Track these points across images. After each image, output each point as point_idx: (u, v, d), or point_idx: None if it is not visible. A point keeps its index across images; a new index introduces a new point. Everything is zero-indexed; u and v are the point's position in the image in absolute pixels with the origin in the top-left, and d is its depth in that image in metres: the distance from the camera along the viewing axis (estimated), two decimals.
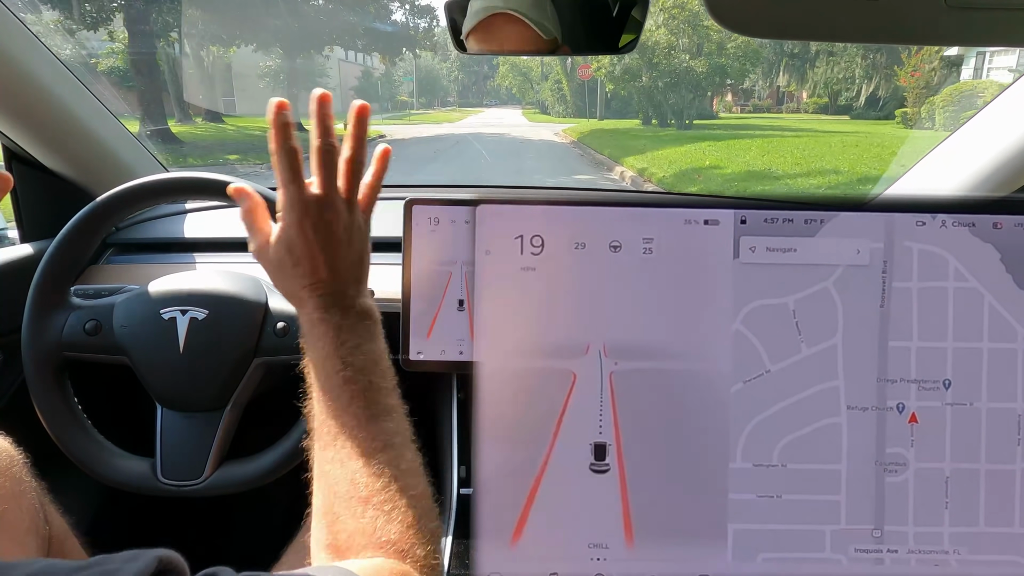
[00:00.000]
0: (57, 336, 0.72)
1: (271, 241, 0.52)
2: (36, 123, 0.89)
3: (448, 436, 0.81)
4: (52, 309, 0.73)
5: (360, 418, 0.47)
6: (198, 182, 0.76)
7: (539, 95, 34.49)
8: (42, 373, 0.71)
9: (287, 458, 0.74)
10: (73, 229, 0.73)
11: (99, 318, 0.73)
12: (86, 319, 0.73)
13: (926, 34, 0.44)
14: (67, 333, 0.72)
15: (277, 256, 0.52)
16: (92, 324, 0.73)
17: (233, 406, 0.75)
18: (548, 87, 29.40)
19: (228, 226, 1.07)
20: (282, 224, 0.51)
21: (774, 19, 0.44)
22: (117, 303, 0.75)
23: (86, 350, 0.73)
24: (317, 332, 0.51)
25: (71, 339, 0.73)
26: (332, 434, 0.47)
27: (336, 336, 0.50)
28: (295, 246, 0.50)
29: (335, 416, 0.48)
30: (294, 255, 0.51)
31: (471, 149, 13.90)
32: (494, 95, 51.95)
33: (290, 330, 0.74)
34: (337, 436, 0.47)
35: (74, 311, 0.74)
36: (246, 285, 0.77)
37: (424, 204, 0.76)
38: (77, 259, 0.75)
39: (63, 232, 0.73)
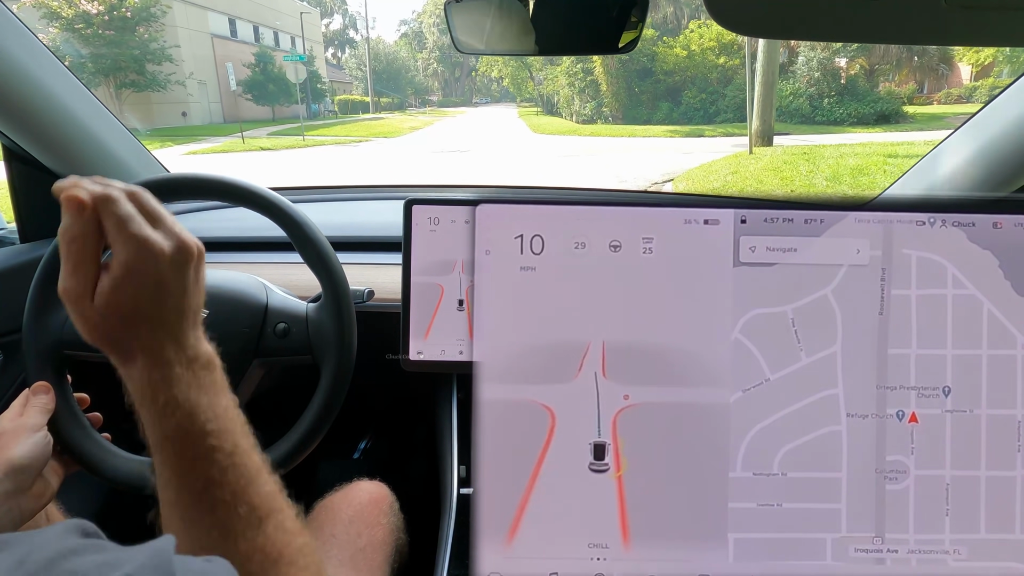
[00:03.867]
0: (58, 334, 0.72)
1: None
2: (36, 123, 0.89)
3: (448, 436, 0.81)
4: (52, 308, 0.73)
5: (236, 488, 0.40)
6: (198, 182, 0.76)
7: (541, 88, 25.84)
8: (42, 371, 0.71)
9: (287, 458, 0.74)
10: None
11: None
12: None
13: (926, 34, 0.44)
14: (68, 331, 0.72)
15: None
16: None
17: None
18: (561, 74, 20.65)
19: (228, 226, 1.07)
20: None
21: (774, 19, 0.43)
22: None
23: (86, 348, 0.73)
24: (150, 393, 0.41)
25: (72, 337, 0.73)
26: (206, 508, 0.40)
27: (184, 394, 0.41)
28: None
29: (206, 489, 0.40)
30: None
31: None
32: (485, 92, 43.44)
33: (290, 331, 0.74)
34: (215, 509, 0.40)
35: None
36: (247, 285, 0.77)
37: (424, 204, 0.76)
38: None
39: None
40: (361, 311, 0.77)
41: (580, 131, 16.35)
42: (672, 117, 17.49)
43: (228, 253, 1.01)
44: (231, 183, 0.75)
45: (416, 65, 42.19)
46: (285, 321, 0.74)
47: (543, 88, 25.11)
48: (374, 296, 0.86)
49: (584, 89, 19.36)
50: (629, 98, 18.73)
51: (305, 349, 0.74)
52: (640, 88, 18.53)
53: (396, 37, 44.45)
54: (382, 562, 0.72)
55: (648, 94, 18.46)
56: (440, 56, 39.46)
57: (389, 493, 0.80)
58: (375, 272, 0.94)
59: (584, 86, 19.32)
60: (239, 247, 1.02)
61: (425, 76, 42.72)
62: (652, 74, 18.21)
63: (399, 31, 43.22)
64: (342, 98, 33.07)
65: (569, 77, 19.80)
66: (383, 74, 39.53)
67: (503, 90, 36.35)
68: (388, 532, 0.75)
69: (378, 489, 0.80)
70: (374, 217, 1.10)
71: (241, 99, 22.87)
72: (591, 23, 0.74)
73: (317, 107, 28.29)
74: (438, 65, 41.47)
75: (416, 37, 37.57)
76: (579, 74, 19.31)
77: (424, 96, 42.21)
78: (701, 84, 17.66)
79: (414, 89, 42.01)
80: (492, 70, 29.64)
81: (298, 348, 0.74)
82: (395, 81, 40.46)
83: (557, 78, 21.29)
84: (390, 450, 1.27)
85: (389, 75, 40.17)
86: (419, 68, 42.29)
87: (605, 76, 18.33)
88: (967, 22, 0.40)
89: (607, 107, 18.85)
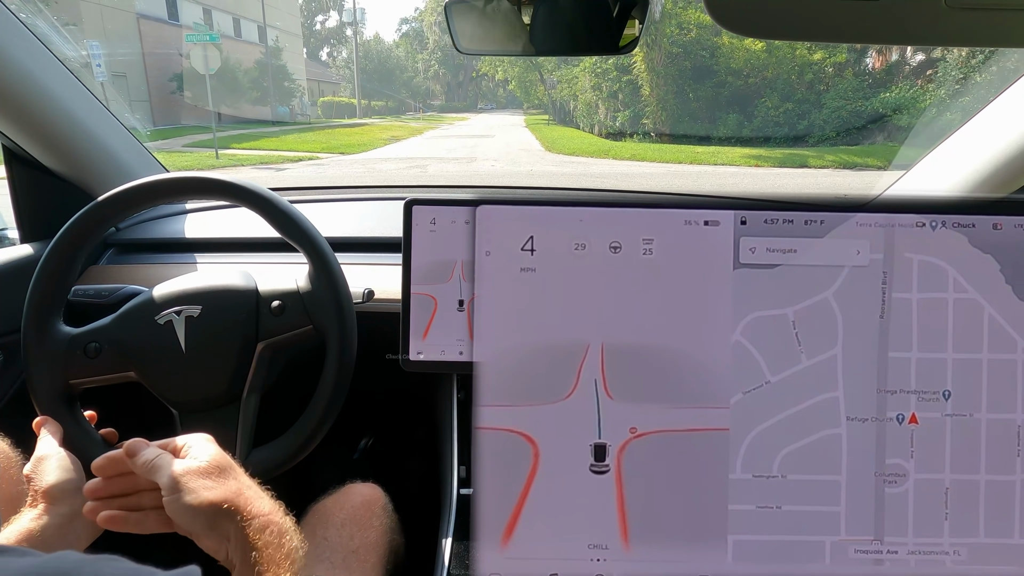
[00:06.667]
0: (59, 365, 0.71)
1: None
2: (36, 123, 0.89)
3: (448, 436, 0.81)
4: (52, 310, 0.73)
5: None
6: (198, 183, 0.76)
7: (553, 92, 20.44)
8: (55, 410, 0.70)
9: (314, 432, 0.73)
10: (72, 229, 0.73)
11: (97, 339, 0.73)
12: (85, 342, 0.73)
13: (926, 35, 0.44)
14: (68, 360, 0.72)
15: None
16: (94, 346, 0.73)
17: (249, 394, 0.74)
18: (583, 74, 15.43)
19: (228, 226, 1.07)
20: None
21: (774, 19, 0.43)
22: (111, 321, 0.75)
23: (92, 374, 0.73)
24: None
25: (74, 367, 0.72)
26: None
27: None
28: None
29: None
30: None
31: None
32: (491, 97, 40.51)
33: (286, 307, 0.74)
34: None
35: (71, 338, 0.73)
36: (233, 275, 0.77)
37: (424, 204, 0.76)
38: (77, 259, 0.74)
39: (62, 232, 0.73)
40: (361, 311, 0.77)
41: (615, 151, 11.14)
42: (742, 134, 12.04)
43: (228, 253, 1.01)
44: (231, 183, 0.75)
45: (415, 66, 39.04)
46: (279, 299, 0.74)
47: (555, 92, 20.13)
48: (374, 296, 0.86)
49: (616, 93, 14.22)
50: (679, 106, 13.18)
51: (305, 321, 0.74)
52: (696, 94, 13.01)
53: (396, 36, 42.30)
54: (376, 563, 0.72)
55: (704, 102, 12.98)
56: (442, 58, 36.07)
57: (383, 495, 0.80)
58: (375, 272, 0.94)
59: (616, 89, 14.14)
60: (239, 247, 1.02)
61: (426, 78, 39.52)
62: (713, 74, 12.90)
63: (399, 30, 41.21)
64: (326, 100, 30.41)
65: (595, 77, 14.74)
66: (374, 74, 36.68)
67: (509, 95, 32.32)
68: (381, 534, 0.75)
69: (371, 491, 0.80)
70: (374, 217, 1.10)
71: (178, 97, 17.89)
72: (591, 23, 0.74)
73: (287, 109, 23.86)
74: (439, 67, 37.80)
75: (417, 37, 36.06)
76: (611, 73, 14.07)
77: (426, 100, 39.05)
78: (785, 90, 12.21)
79: (411, 92, 38.95)
80: (497, 72, 25.14)
81: (297, 322, 0.74)
82: (388, 82, 37.48)
83: (576, 79, 16.18)
84: (390, 450, 1.27)
85: (381, 75, 37.09)
86: (419, 70, 39.06)
87: (649, 76, 12.92)
88: (967, 23, 0.40)
89: (649, 118, 13.32)
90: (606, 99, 14.60)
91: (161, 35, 18.01)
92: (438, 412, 0.89)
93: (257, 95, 20.19)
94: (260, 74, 20.21)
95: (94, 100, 0.95)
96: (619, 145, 12.38)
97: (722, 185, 7.98)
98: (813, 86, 12.08)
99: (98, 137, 0.97)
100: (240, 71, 19.41)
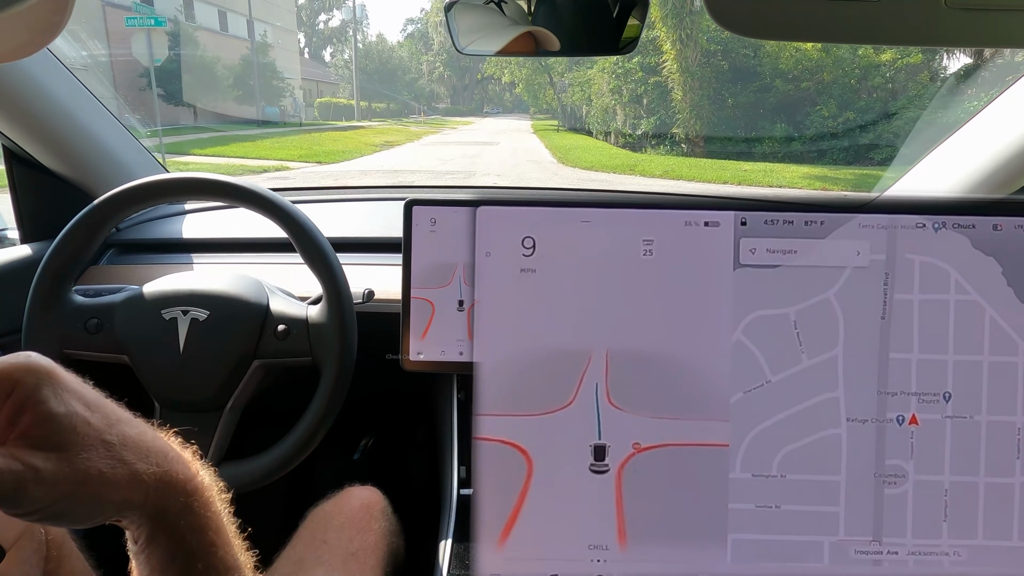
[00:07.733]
0: (57, 333, 0.72)
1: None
2: (36, 123, 0.89)
3: (448, 436, 0.81)
4: (52, 309, 0.73)
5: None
6: (198, 183, 0.76)
7: (563, 95, 18.76)
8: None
9: (287, 459, 0.73)
10: (73, 229, 0.73)
11: (101, 316, 0.74)
12: (88, 316, 0.73)
13: (926, 35, 0.44)
14: (68, 331, 0.73)
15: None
16: (95, 322, 0.73)
17: (232, 408, 0.75)
18: (600, 75, 13.39)
19: (228, 226, 1.07)
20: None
21: (774, 20, 0.43)
22: (119, 302, 0.75)
23: (87, 348, 0.73)
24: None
25: (72, 337, 0.73)
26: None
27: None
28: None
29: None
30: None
31: None
32: (497, 100, 37.86)
33: (291, 333, 0.74)
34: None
35: (76, 308, 0.74)
36: (248, 286, 0.77)
37: (424, 205, 0.76)
38: (77, 260, 0.75)
39: (63, 233, 0.73)
40: (361, 311, 0.77)
41: (643, 166, 9.16)
42: (791, 147, 10.25)
43: (228, 254, 1.01)
44: (231, 184, 0.75)
45: (419, 68, 37.30)
46: (285, 323, 0.74)
47: (566, 96, 18.34)
48: (374, 296, 0.86)
49: (639, 97, 12.10)
50: (715, 113, 11.25)
51: (305, 352, 0.74)
52: (735, 99, 11.12)
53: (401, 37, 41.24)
54: (375, 566, 0.72)
55: (745, 108, 11.02)
56: (447, 60, 34.29)
57: (382, 498, 0.81)
58: (375, 272, 0.94)
59: (640, 92, 12.02)
60: (239, 248, 1.03)
61: (430, 81, 37.40)
62: (757, 76, 11.10)
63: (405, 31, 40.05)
64: (323, 100, 28.47)
65: (615, 79, 12.63)
66: (375, 75, 35.05)
67: (515, 99, 29.96)
68: (380, 536, 0.75)
69: (370, 494, 0.80)
70: (374, 218, 1.10)
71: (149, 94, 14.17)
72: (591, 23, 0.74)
73: (276, 109, 21.41)
74: (444, 70, 35.87)
75: (422, 38, 35.52)
76: (635, 73, 11.99)
77: (430, 103, 36.67)
78: (843, 97, 10.36)
79: (413, 94, 37.00)
80: (504, 74, 22.82)
81: (298, 351, 0.74)
82: (390, 84, 35.76)
83: (591, 82, 14.04)
84: (390, 450, 1.28)
85: (383, 76, 35.38)
86: (423, 72, 37.13)
87: (682, 77, 10.98)
88: (967, 23, 0.40)
89: (680, 126, 11.26)
90: (627, 104, 12.55)
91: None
92: (438, 412, 0.89)
93: (240, 93, 18.50)
94: (245, 71, 18.71)
95: (94, 100, 0.95)
96: (646, 158, 10.52)
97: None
98: (880, 92, 10.32)
99: (98, 137, 0.97)
100: (220, 67, 17.85)
